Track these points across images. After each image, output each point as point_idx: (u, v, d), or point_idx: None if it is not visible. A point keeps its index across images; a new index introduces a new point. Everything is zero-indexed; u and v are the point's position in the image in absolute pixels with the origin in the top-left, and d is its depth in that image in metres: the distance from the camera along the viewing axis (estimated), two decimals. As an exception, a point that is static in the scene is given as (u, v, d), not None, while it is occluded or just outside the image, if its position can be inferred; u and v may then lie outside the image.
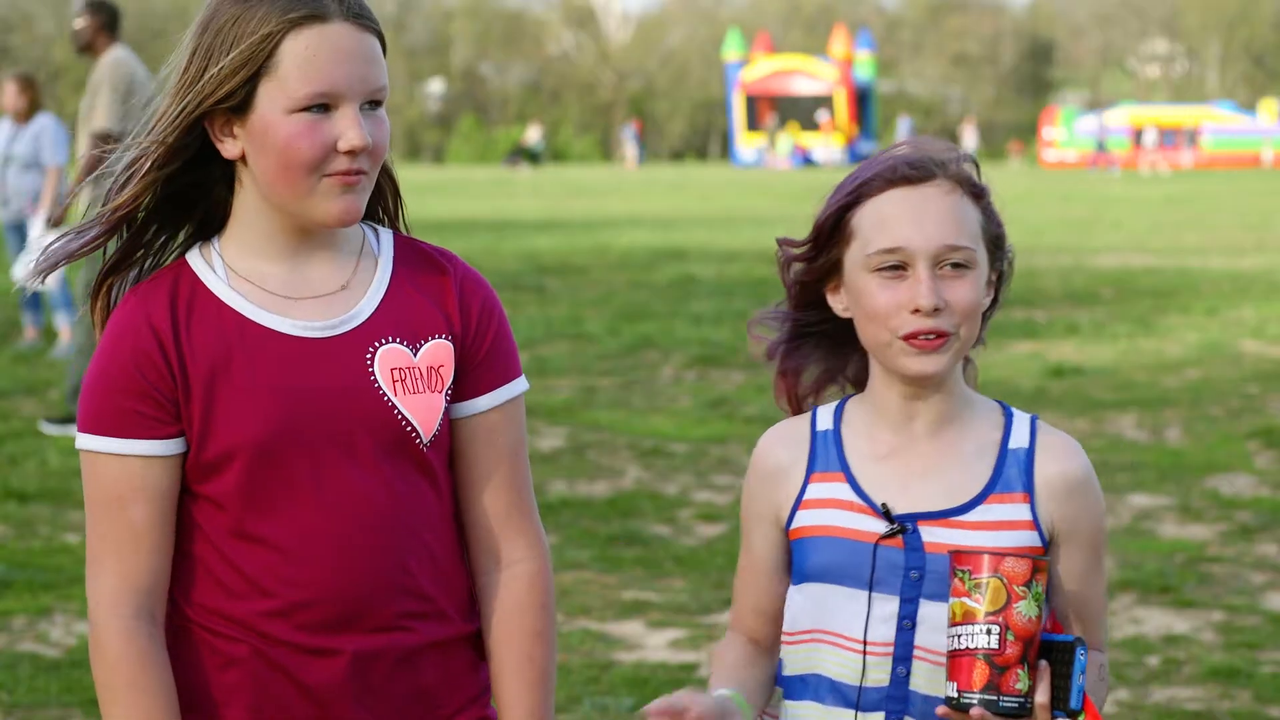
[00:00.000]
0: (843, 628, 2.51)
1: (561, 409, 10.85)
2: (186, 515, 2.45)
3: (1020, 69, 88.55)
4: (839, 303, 2.59)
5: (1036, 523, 2.51)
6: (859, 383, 2.67)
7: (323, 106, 2.37)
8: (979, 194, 2.55)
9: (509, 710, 2.53)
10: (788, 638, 2.58)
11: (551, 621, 2.57)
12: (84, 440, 2.43)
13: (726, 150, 72.88)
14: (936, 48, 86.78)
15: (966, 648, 2.36)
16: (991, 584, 2.35)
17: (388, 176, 2.57)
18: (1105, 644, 2.61)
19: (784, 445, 2.61)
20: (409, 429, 2.45)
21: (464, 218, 29.03)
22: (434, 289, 2.51)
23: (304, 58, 2.36)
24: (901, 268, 2.50)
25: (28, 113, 13.27)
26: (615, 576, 7.08)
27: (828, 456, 2.57)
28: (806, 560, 2.54)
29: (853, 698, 2.51)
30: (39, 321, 14.02)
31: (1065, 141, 63.27)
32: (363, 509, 2.43)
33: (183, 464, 2.43)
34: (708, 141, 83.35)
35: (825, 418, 2.61)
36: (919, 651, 2.48)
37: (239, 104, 2.38)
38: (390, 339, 2.46)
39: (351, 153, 2.38)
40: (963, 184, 2.54)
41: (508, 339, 2.56)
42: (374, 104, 2.41)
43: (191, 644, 2.46)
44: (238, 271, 2.46)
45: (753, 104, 63.45)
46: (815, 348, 2.67)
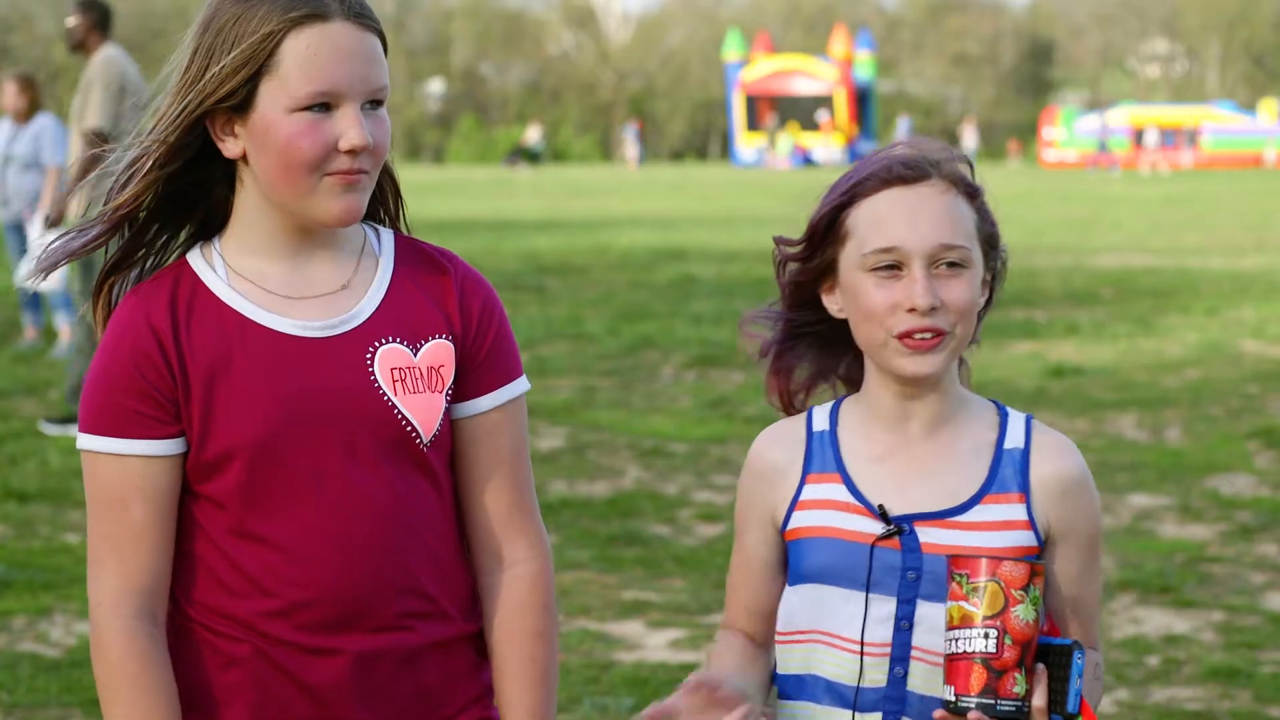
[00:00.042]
0: (840, 628, 2.51)
1: (561, 409, 10.85)
2: (188, 515, 2.45)
3: (1020, 69, 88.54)
4: (834, 303, 2.59)
5: (1033, 522, 2.51)
6: (850, 381, 2.67)
7: (324, 106, 2.37)
8: (973, 193, 2.55)
9: (511, 710, 2.53)
10: (782, 637, 2.58)
11: (553, 621, 2.57)
12: (84, 440, 2.43)
13: (726, 150, 72.87)
14: (936, 48, 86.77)
15: (964, 651, 2.36)
16: (989, 588, 2.35)
17: (389, 177, 2.57)
18: (1099, 642, 2.62)
19: (780, 446, 2.60)
20: (409, 429, 2.45)
21: (464, 218, 29.02)
22: (435, 289, 2.51)
23: (305, 57, 2.36)
24: (897, 267, 2.49)
25: (28, 113, 13.27)
26: (615, 576, 7.08)
27: (824, 457, 2.57)
28: (803, 561, 2.54)
29: (850, 698, 2.51)
30: (39, 321, 14.02)
31: (1065, 141, 63.26)
32: (363, 509, 2.43)
33: (183, 464, 2.43)
34: (708, 141, 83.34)
35: (821, 418, 2.61)
36: (916, 652, 2.48)
37: (240, 103, 2.38)
38: (390, 339, 2.46)
39: (352, 152, 2.38)
40: (957, 183, 2.54)
41: (509, 339, 2.56)
42: (375, 103, 2.41)
43: (193, 643, 2.46)
44: (238, 271, 2.46)
45: (753, 104, 63.44)
46: (808, 348, 2.67)
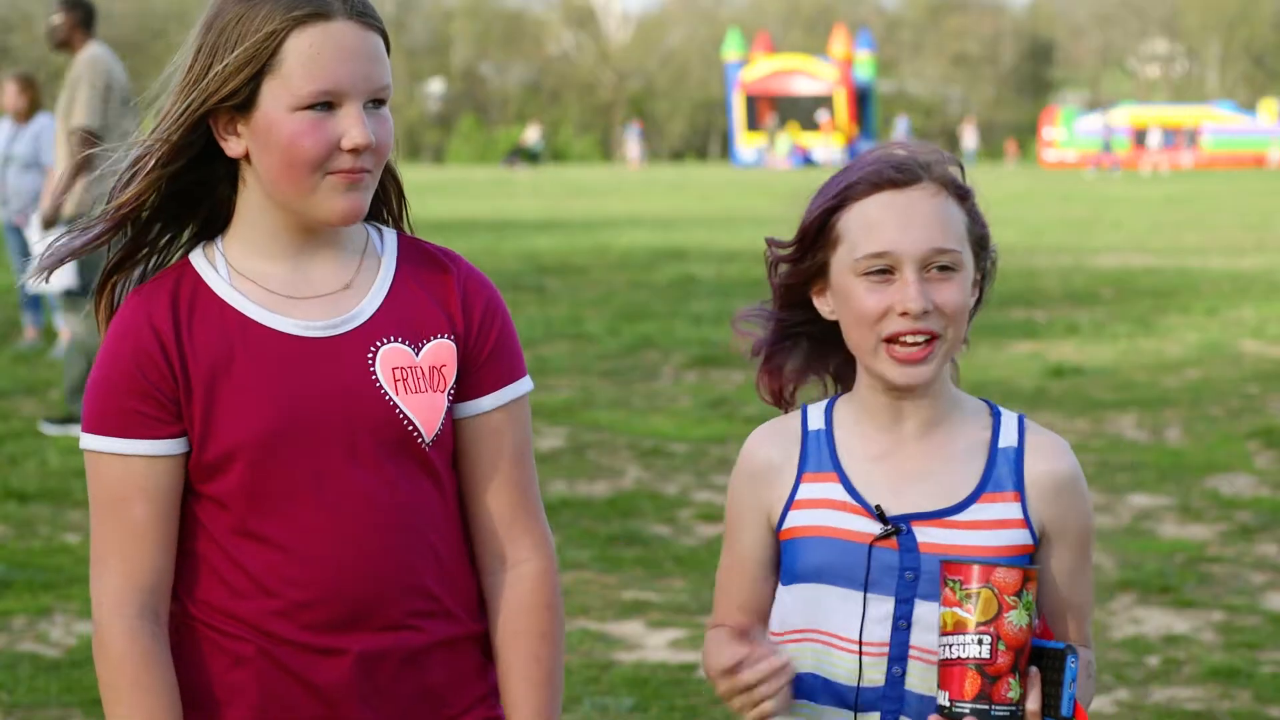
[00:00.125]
0: (838, 628, 2.51)
1: (561, 409, 10.84)
2: (191, 514, 2.45)
3: (1020, 69, 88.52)
4: (825, 305, 2.59)
5: (1028, 521, 2.52)
6: (839, 377, 2.67)
7: (326, 105, 2.37)
8: (964, 195, 2.55)
9: (515, 710, 2.53)
10: (776, 637, 2.57)
11: (558, 621, 2.57)
12: (87, 440, 2.43)
13: (726, 150, 72.85)
14: (936, 48, 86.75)
15: (958, 657, 2.37)
16: (983, 594, 2.35)
17: (392, 177, 2.57)
18: (1091, 640, 2.62)
19: (774, 444, 2.60)
20: (411, 429, 2.45)
21: (464, 218, 29.02)
22: (437, 288, 2.51)
23: (308, 56, 2.36)
24: (888, 271, 2.49)
25: (28, 113, 13.26)
26: (615, 576, 7.08)
27: (820, 456, 2.57)
28: (798, 560, 2.54)
29: (849, 698, 2.51)
30: (39, 321, 14.02)
31: (1065, 141, 63.25)
32: (365, 509, 2.43)
33: (186, 463, 2.43)
34: (708, 141, 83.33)
35: (816, 417, 2.61)
36: (914, 651, 2.49)
37: (243, 102, 2.38)
38: (392, 338, 2.46)
39: (355, 151, 2.38)
40: (948, 186, 2.54)
41: (511, 339, 2.56)
42: (377, 102, 2.41)
43: (198, 643, 2.46)
44: (240, 271, 2.46)
45: (753, 104, 63.43)
46: (800, 347, 2.67)
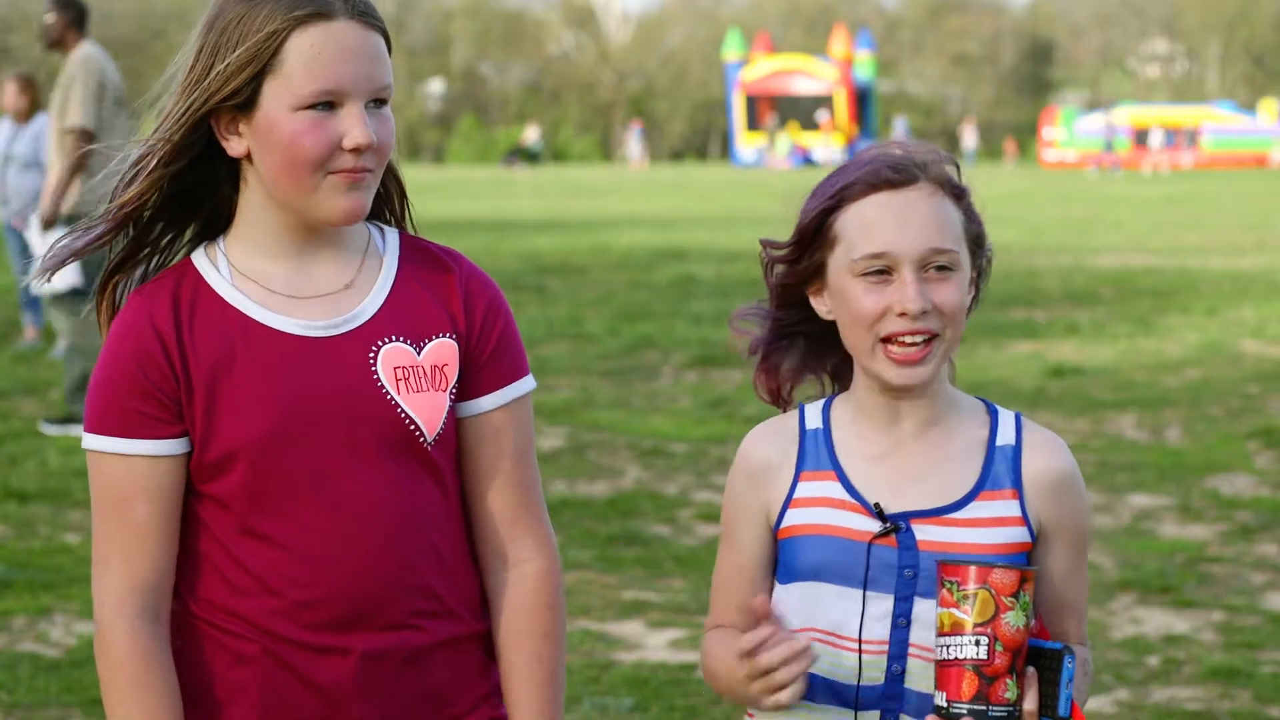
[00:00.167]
0: (837, 627, 2.51)
1: (561, 409, 10.84)
2: (193, 514, 2.46)
3: (1020, 69, 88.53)
4: (822, 305, 2.59)
5: (1026, 518, 2.52)
6: (837, 376, 2.67)
7: (328, 104, 2.38)
8: (960, 194, 2.56)
9: (517, 710, 2.53)
10: None
11: (560, 621, 2.57)
12: (89, 440, 2.44)
13: (726, 150, 72.86)
14: (936, 48, 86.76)
15: (955, 658, 2.36)
16: (980, 595, 2.35)
17: (394, 177, 2.57)
18: (1087, 637, 2.63)
19: (772, 443, 2.60)
20: (413, 428, 2.45)
21: (464, 218, 29.01)
22: (439, 288, 2.51)
23: (309, 55, 2.36)
24: (886, 272, 2.50)
25: (28, 113, 13.26)
26: (615, 576, 7.08)
27: (818, 455, 2.57)
28: (797, 559, 2.54)
29: (849, 697, 2.51)
30: (39, 321, 14.01)
31: (1065, 141, 63.25)
32: (368, 508, 2.43)
33: (188, 463, 2.43)
34: (708, 141, 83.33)
35: (814, 416, 2.61)
36: (914, 649, 2.49)
37: (244, 102, 2.39)
38: (394, 338, 2.46)
39: (356, 150, 2.38)
40: (944, 185, 2.54)
41: (514, 338, 2.56)
42: (379, 102, 2.41)
43: (200, 642, 2.47)
44: (242, 271, 2.46)
45: (753, 104, 63.43)
46: (797, 347, 2.67)
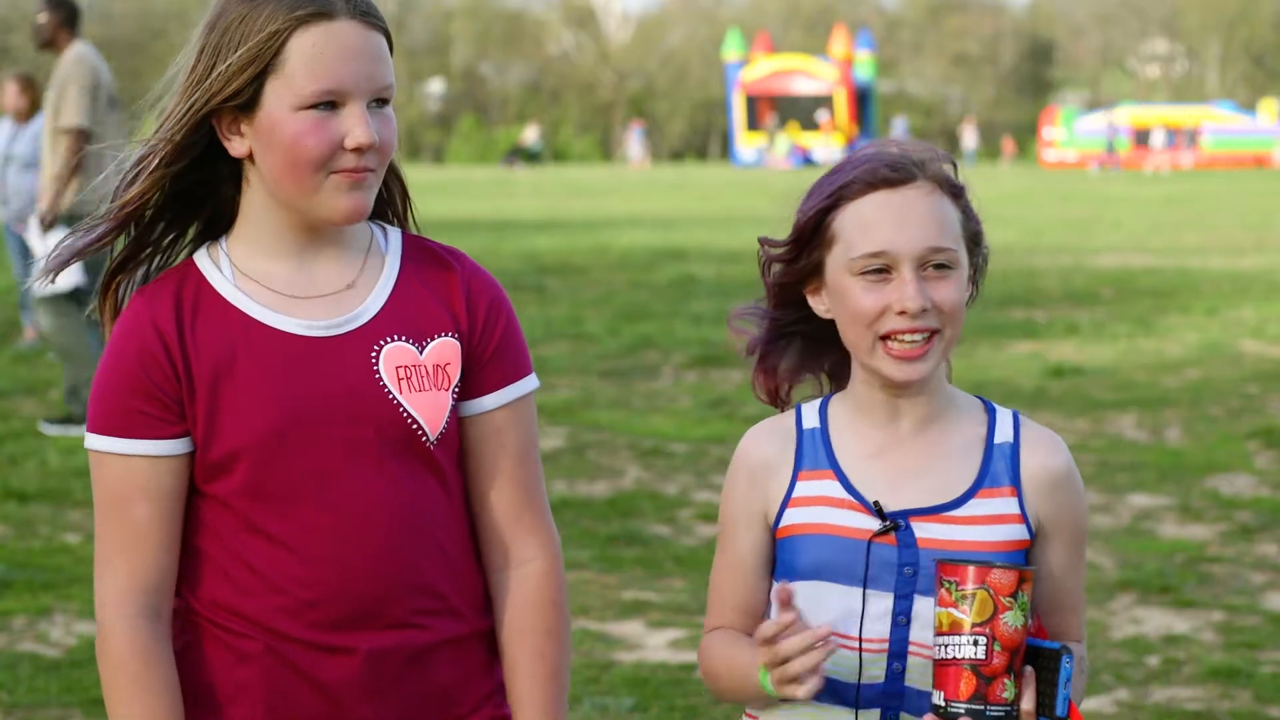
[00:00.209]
0: (837, 625, 2.50)
1: (561, 409, 10.84)
2: (197, 513, 2.46)
3: (1020, 69, 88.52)
4: (820, 304, 2.59)
5: (1025, 516, 2.53)
6: (834, 375, 2.68)
7: (329, 104, 2.38)
8: (957, 193, 2.56)
9: (521, 708, 2.53)
10: None
11: (563, 619, 2.57)
12: (91, 440, 2.44)
13: (726, 150, 72.85)
14: (936, 48, 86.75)
15: (953, 658, 2.37)
16: (978, 595, 2.35)
17: (396, 177, 2.57)
18: (1084, 634, 2.63)
19: (769, 443, 2.60)
20: (415, 427, 2.45)
21: (464, 218, 29.01)
22: (441, 287, 2.52)
23: (311, 55, 2.37)
24: (885, 270, 2.50)
25: (28, 112, 13.25)
26: (615, 576, 7.08)
27: (816, 454, 2.57)
28: (797, 558, 2.54)
29: (850, 696, 2.51)
30: (39, 322, 14.01)
31: (1065, 141, 63.23)
32: (370, 507, 2.43)
33: (190, 463, 2.44)
34: (708, 141, 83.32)
35: (811, 416, 2.61)
36: (914, 647, 2.49)
37: (246, 102, 2.39)
38: (396, 337, 2.47)
39: (358, 150, 2.39)
40: (942, 184, 2.54)
41: (516, 337, 2.56)
42: (381, 102, 2.42)
43: (205, 641, 2.47)
44: (244, 271, 2.47)
45: (753, 104, 63.42)
46: (794, 346, 2.68)
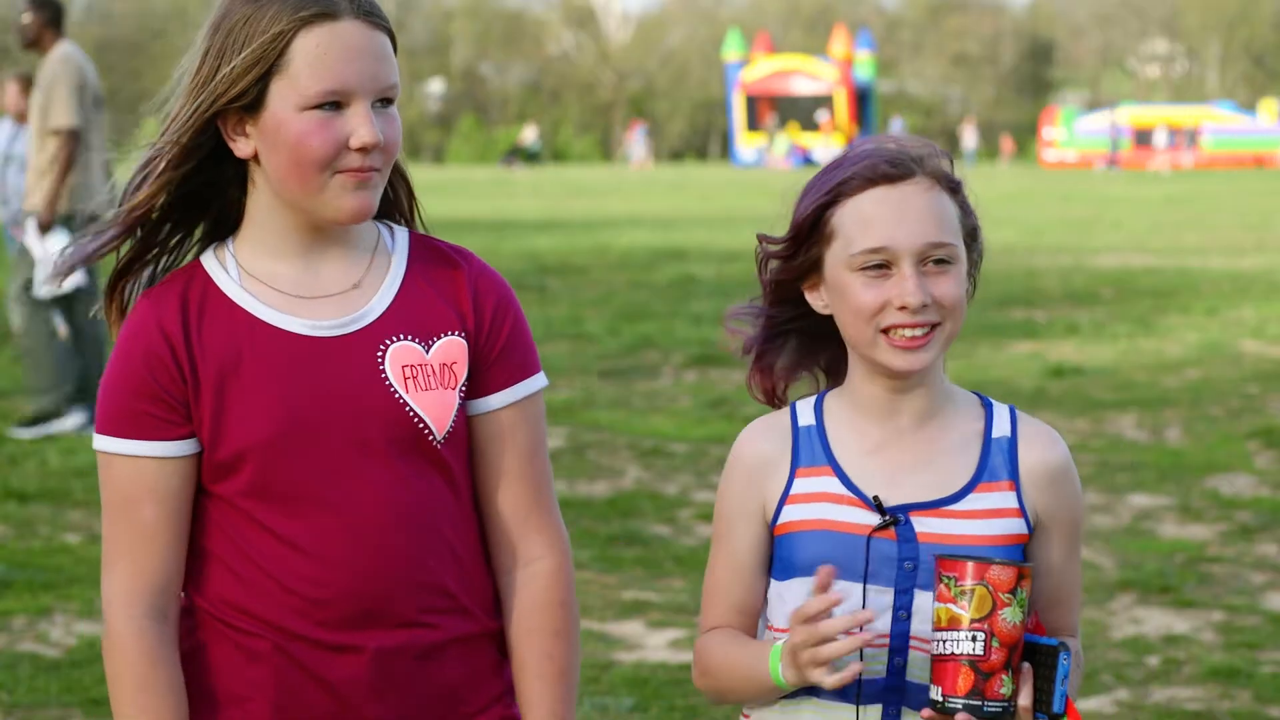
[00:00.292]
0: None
1: (561, 409, 10.84)
2: (205, 513, 2.47)
3: (1020, 69, 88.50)
4: (818, 300, 2.59)
5: (1023, 510, 2.53)
6: (830, 372, 2.68)
7: (334, 104, 2.38)
8: (955, 188, 2.57)
9: (529, 707, 2.54)
10: (775, 632, 2.57)
11: (572, 619, 2.58)
12: (98, 441, 2.45)
13: (726, 150, 72.85)
14: (936, 48, 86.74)
15: (951, 653, 2.37)
16: (977, 591, 2.36)
17: (401, 177, 2.58)
18: (1079, 628, 2.64)
19: (766, 440, 2.60)
20: (422, 426, 2.45)
21: (464, 218, 29.00)
22: (447, 286, 2.52)
23: (315, 55, 2.37)
24: (885, 266, 2.50)
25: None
26: (615, 576, 7.09)
27: (813, 451, 2.57)
28: (796, 555, 2.54)
29: (851, 692, 2.50)
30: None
31: (1065, 141, 63.23)
32: (378, 507, 2.43)
33: (197, 464, 2.44)
34: (708, 141, 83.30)
35: (806, 413, 2.61)
36: (914, 642, 2.49)
37: (251, 103, 2.39)
38: (401, 336, 2.47)
39: (363, 149, 2.39)
40: (940, 179, 2.55)
41: (524, 336, 2.56)
42: (385, 101, 2.42)
43: (214, 640, 2.47)
44: (250, 272, 2.47)
45: (753, 104, 63.42)
46: (790, 344, 2.68)
